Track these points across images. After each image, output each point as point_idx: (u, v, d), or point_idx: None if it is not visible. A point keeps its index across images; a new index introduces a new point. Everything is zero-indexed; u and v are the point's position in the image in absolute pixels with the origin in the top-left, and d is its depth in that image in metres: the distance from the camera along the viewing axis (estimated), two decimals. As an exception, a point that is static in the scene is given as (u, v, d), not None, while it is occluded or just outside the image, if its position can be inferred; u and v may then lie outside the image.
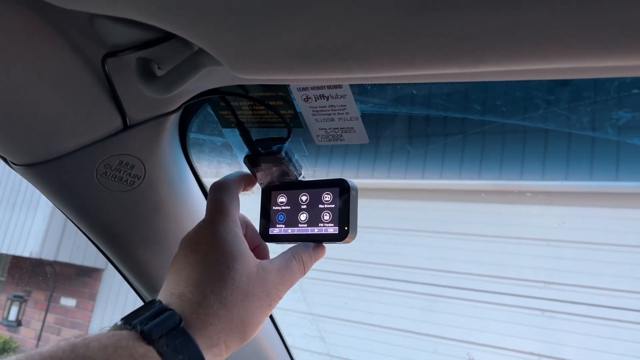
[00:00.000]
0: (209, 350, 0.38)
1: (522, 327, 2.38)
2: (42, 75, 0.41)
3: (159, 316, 0.36)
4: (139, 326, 0.35)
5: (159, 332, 0.35)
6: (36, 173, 0.49)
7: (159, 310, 0.37)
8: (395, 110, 0.58)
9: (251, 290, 0.41)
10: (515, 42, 0.26)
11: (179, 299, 0.39)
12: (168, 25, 0.32)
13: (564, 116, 0.65)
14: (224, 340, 0.39)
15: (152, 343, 0.34)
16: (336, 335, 2.73)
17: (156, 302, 0.39)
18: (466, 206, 2.63)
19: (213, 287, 0.40)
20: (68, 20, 0.38)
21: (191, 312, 0.38)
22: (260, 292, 0.42)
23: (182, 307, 0.38)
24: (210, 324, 0.38)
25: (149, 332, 0.35)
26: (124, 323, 0.36)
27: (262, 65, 0.33)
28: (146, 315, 0.36)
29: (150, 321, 0.36)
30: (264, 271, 0.43)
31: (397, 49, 0.29)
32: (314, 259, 0.47)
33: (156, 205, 0.55)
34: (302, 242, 0.48)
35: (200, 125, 0.58)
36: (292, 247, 0.47)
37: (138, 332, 0.35)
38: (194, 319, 0.38)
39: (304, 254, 0.46)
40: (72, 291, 4.66)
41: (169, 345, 0.35)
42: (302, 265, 0.46)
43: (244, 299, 0.40)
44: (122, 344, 0.34)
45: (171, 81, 0.39)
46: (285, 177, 0.50)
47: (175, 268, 0.42)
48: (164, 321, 0.36)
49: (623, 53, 0.25)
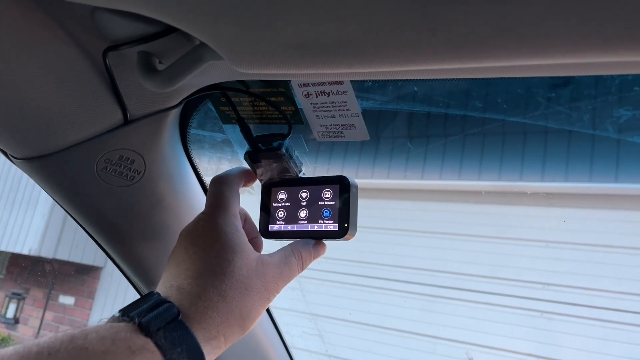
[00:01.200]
0: (208, 343, 0.38)
1: (520, 328, 2.37)
2: (42, 68, 0.41)
3: (157, 308, 0.36)
4: (136, 318, 0.35)
5: (156, 324, 0.35)
6: (36, 167, 0.49)
7: (157, 302, 0.37)
8: (396, 107, 0.58)
9: (250, 283, 0.41)
10: (517, 36, 0.26)
11: (178, 291, 0.39)
12: (169, 18, 0.32)
13: (565, 114, 0.65)
14: (223, 333, 0.39)
15: (150, 335, 0.34)
16: (335, 335, 2.73)
17: (154, 294, 0.38)
18: (465, 207, 2.63)
19: (213, 280, 0.39)
20: (69, 13, 0.38)
21: (190, 304, 0.38)
22: (259, 285, 0.41)
23: (180, 300, 0.38)
24: (209, 316, 0.38)
25: (147, 324, 0.35)
26: (122, 315, 0.36)
27: (263, 59, 0.33)
28: (144, 307, 0.36)
29: (148, 313, 0.36)
30: (263, 265, 0.43)
31: (398, 44, 0.29)
32: (313, 256, 0.47)
33: (156, 200, 0.55)
34: (303, 238, 0.48)
35: (200, 121, 0.58)
36: (292, 243, 0.47)
37: (136, 324, 0.35)
38: (193, 312, 0.38)
39: (304, 250, 0.46)
40: (70, 289, 4.65)
41: (167, 337, 0.35)
42: (300, 261, 0.46)
43: (243, 292, 0.40)
44: (120, 336, 0.34)
45: (172, 75, 0.39)
46: (285, 173, 0.50)
47: (174, 260, 0.42)
48: (162, 313, 0.36)
49: (625, 48, 0.25)
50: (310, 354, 2.30)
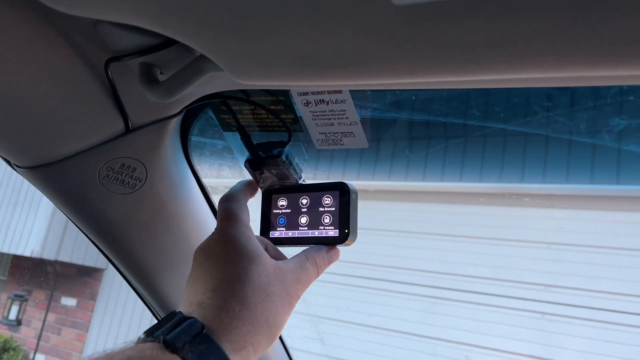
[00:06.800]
0: (236, 354, 0.37)
1: (521, 329, 2.38)
2: (45, 78, 0.41)
3: (180, 325, 0.36)
4: (161, 336, 0.35)
5: (182, 340, 0.34)
6: (39, 176, 0.50)
7: (180, 320, 0.37)
8: (395, 115, 0.58)
9: (271, 289, 0.40)
10: (512, 51, 0.26)
11: (199, 307, 0.38)
12: (170, 31, 0.32)
13: (562, 123, 0.65)
14: (251, 343, 0.38)
15: (177, 351, 0.34)
16: (335, 337, 2.73)
17: (177, 314, 0.38)
18: (467, 209, 2.63)
19: (232, 290, 0.39)
20: (72, 25, 0.39)
21: (213, 317, 0.37)
22: (280, 290, 0.41)
23: (203, 314, 0.38)
24: (235, 327, 0.37)
25: (173, 341, 0.34)
26: (146, 336, 0.36)
27: (263, 71, 0.33)
28: (168, 326, 0.36)
29: (173, 330, 0.35)
30: (281, 270, 0.42)
31: (396, 58, 0.29)
32: (327, 261, 0.47)
33: (157, 207, 0.55)
34: (304, 244, 0.49)
35: (201, 128, 0.58)
36: (305, 250, 0.47)
37: (161, 342, 0.34)
38: (217, 324, 0.37)
39: (317, 256, 0.46)
40: (72, 291, 4.66)
41: (194, 351, 0.34)
42: (316, 267, 0.45)
43: (265, 298, 0.40)
44: (146, 354, 0.33)
45: (173, 86, 0.40)
46: (285, 180, 0.51)
47: (192, 279, 0.42)
48: (186, 329, 0.35)
49: (618, 63, 0.25)
50: (311, 355, 2.30)
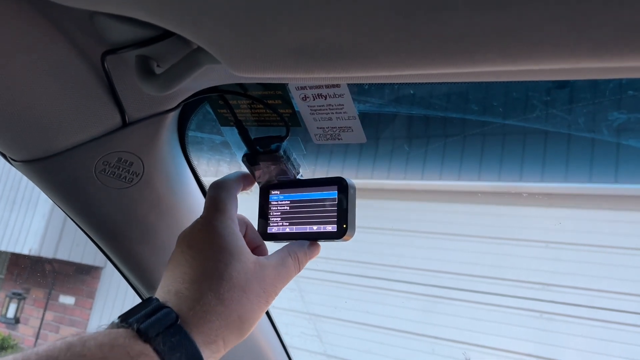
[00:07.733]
0: (207, 347, 0.38)
1: (520, 328, 2.38)
2: (41, 71, 0.41)
3: (155, 314, 0.36)
4: (135, 324, 0.35)
5: (155, 330, 0.35)
6: (35, 169, 0.50)
7: (155, 308, 0.37)
8: (394, 110, 0.58)
9: (248, 286, 0.41)
10: (510, 42, 0.26)
11: (176, 296, 0.39)
12: (167, 23, 0.32)
13: (561, 117, 0.65)
14: (222, 337, 0.39)
15: (149, 341, 0.34)
16: (334, 335, 2.73)
17: (153, 300, 0.38)
18: (465, 207, 2.63)
19: (210, 284, 0.39)
20: (68, 17, 0.39)
21: (188, 309, 0.38)
22: (257, 288, 0.42)
23: (179, 305, 0.38)
24: (208, 320, 0.38)
25: (145, 330, 0.35)
26: (120, 321, 0.36)
27: (260, 63, 0.33)
28: (142, 314, 0.36)
29: (147, 319, 0.36)
30: (261, 267, 0.43)
31: (393, 49, 0.29)
32: (308, 256, 0.47)
33: (154, 202, 0.55)
34: (302, 240, 0.48)
35: (199, 123, 0.58)
36: (287, 245, 0.47)
37: (134, 330, 0.35)
38: (191, 316, 0.38)
39: (299, 251, 0.46)
40: (70, 289, 4.66)
41: (166, 343, 0.35)
42: (297, 262, 0.46)
43: (241, 295, 0.40)
44: (118, 342, 0.34)
45: (170, 79, 0.40)
46: (283, 175, 0.51)
47: (172, 264, 0.42)
48: (160, 319, 0.36)
49: (617, 54, 0.25)
50: (309, 354, 2.30)
